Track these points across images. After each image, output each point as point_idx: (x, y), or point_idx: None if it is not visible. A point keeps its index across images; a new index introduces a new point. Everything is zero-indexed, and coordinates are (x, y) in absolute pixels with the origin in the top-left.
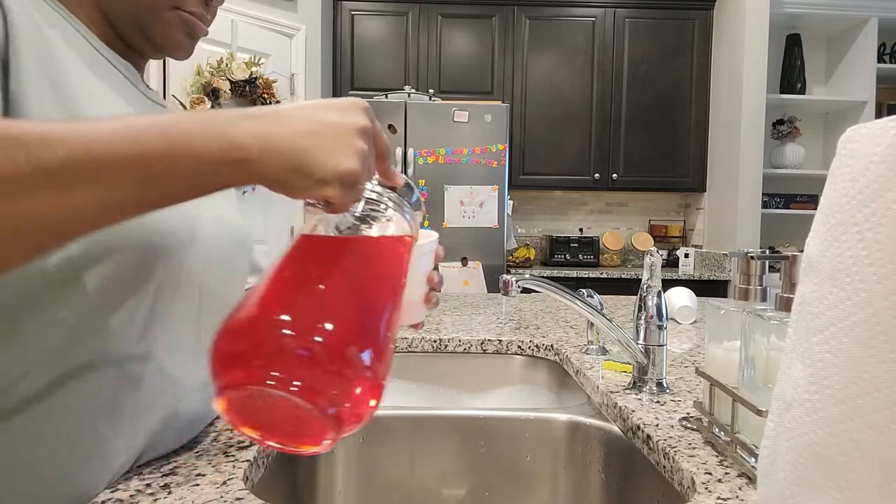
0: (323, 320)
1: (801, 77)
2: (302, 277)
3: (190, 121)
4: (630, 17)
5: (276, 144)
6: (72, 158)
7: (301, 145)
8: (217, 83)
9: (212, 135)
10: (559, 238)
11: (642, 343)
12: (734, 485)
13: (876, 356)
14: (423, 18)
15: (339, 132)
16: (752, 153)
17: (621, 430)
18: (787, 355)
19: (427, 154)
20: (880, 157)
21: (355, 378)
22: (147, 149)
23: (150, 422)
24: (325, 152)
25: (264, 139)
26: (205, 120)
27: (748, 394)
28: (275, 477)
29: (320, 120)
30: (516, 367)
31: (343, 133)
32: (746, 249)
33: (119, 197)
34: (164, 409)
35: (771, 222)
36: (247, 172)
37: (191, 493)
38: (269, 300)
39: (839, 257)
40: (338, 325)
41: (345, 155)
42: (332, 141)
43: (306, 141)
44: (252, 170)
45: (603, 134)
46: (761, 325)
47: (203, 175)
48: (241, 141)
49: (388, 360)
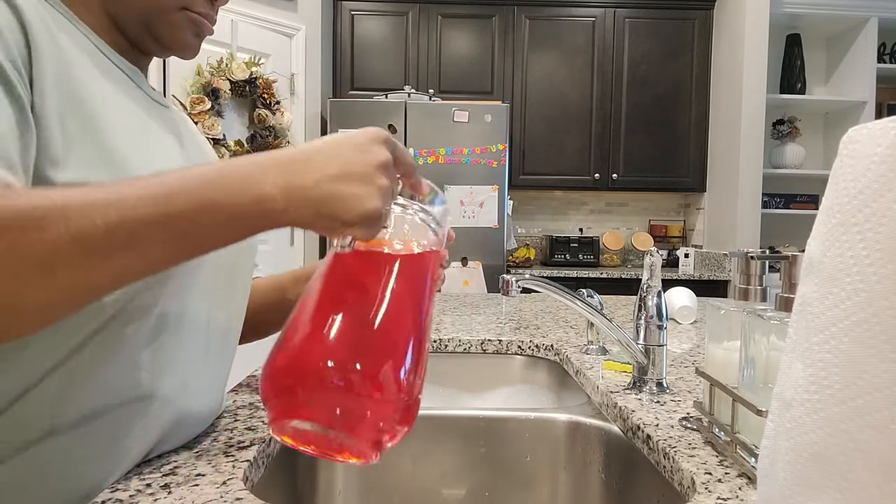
0: (360, 352)
1: (801, 77)
2: (338, 302)
3: (217, 176)
4: (630, 17)
5: (303, 194)
6: (110, 227)
7: (326, 193)
8: (217, 83)
9: (238, 190)
10: (559, 238)
11: (642, 343)
12: (734, 485)
13: (876, 356)
14: (423, 18)
15: (362, 173)
16: (753, 153)
17: (621, 430)
18: (787, 355)
19: (427, 154)
20: (881, 157)
21: (395, 404)
22: (175, 211)
23: (162, 420)
24: (351, 197)
25: (290, 190)
26: (231, 172)
27: (748, 394)
28: (275, 477)
29: (344, 161)
30: (516, 367)
31: (366, 173)
32: (746, 249)
33: (152, 257)
34: (177, 411)
35: (771, 222)
36: (275, 221)
37: (190, 493)
38: (310, 332)
39: (840, 257)
40: (375, 355)
41: (368, 197)
42: (356, 184)
43: (331, 187)
44: (280, 219)
45: (603, 134)
46: (761, 325)
47: (233, 228)
48: (268, 193)
49: (423, 374)
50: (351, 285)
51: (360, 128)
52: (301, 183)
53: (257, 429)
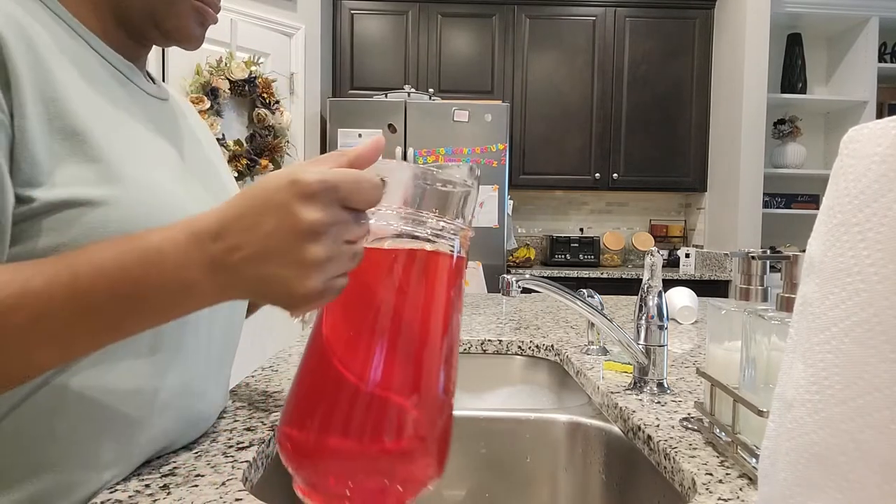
0: (380, 404)
1: (802, 76)
2: (351, 343)
3: (138, 267)
4: (630, 17)
5: (228, 279)
6: (29, 322)
7: (251, 276)
8: (216, 82)
9: (163, 280)
10: (559, 238)
11: (643, 343)
12: (735, 485)
13: (876, 356)
14: (422, 17)
15: (282, 250)
16: (753, 153)
17: (622, 430)
18: (788, 355)
19: (427, 154)
20: (881, 157)
21: (421, 457)
22: (96, 308)
23: (166, 420)
24: (274, 280)
25: (216, 274)
26: (153, 259)
27: (749, 394)
28: (274, 478)
29: (263, 235)
30: (516, 368)
31: (286, 250)
32: (747, 249)
33: (76, 352)
34: (183, 409)
35: (772, 222)
36: (212, 301)
37: (190, 493)
38: (323, 384)
39: (841, 257)
40: (399, 410)
41: (296, 279)
42: (277, 264)
43: (254, 270)
44: (216, 299)
45: (603, 133)
46: (762, 326)
47: (165, 313)
48: (194, 279)
49: (449, 414)
50: (362, 319)
51: (358, 128)
52: (224, 263)
53: (256, 429)
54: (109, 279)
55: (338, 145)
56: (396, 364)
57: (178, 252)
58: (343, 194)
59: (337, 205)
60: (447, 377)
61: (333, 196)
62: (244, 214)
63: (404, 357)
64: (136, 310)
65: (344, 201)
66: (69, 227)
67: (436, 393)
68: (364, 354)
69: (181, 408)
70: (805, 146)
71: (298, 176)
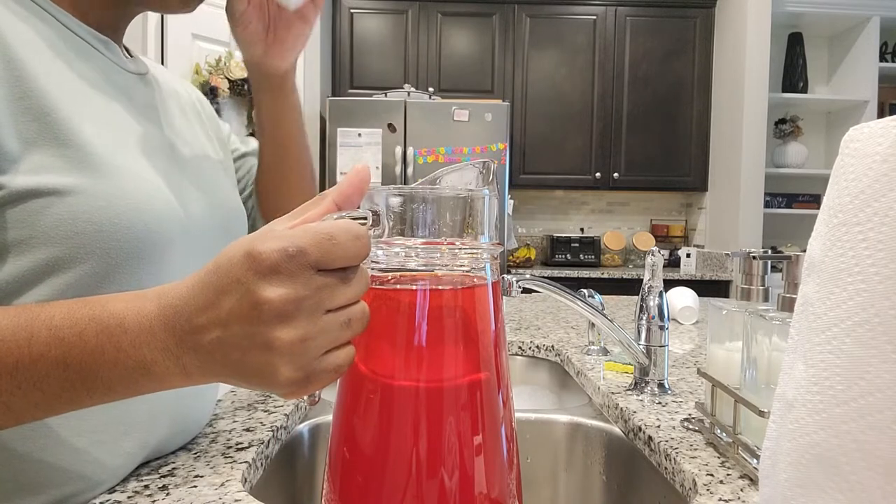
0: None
1: (803, 76)
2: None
3: (97, 347)
4: (631, 16)
5: (199, 366)
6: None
7: (219, 362)
8: (215, 82)
9: (114, 363)
10: (560, 238)
11: (644, 344)
12: (736, 486)
13: (878, 356)
14: (422, 16)
15: (246, 334)
16: (754, 152)
17: (622, 431)
18: (788, 356)
19: (427, 153)
20: (882, 156)
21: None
22: (51, 386)
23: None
24: (245, 369)
25: (183, 359)
26: (121, 342)
27: (750, 395)
28: (273, 479)
29: (225, 317)
30: (517, 368)
31: (251, 334)
32: (748, 249)
33: (56, 412)
34: (177, 414)
35: (773, 222)
36: (184, 383)
37: (189, 494)
38: (361, 459)
39: (841, 257)
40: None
41: (267, 365)
42: (244, 350)
43: (222, 356)
44: (188, 381)
45: (604, 133)
46: (763, 326)
47: (127, 390)
48: (161, 365)
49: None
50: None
51: (358, 127)
52: (191, 344)
53: (255, 430)
54: (64, 346)
55: (337, 145)
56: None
57: (140, 326)
58: (315, 257)
59: (309, 271)
60: (509, 445)
61: (302, 262)
62: (206, 288)
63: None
64: (88, 385)
65: (318, 265)
66: (37, 218)
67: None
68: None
69: (174, 413)
70: (806, 146)
71: (254, 247)
